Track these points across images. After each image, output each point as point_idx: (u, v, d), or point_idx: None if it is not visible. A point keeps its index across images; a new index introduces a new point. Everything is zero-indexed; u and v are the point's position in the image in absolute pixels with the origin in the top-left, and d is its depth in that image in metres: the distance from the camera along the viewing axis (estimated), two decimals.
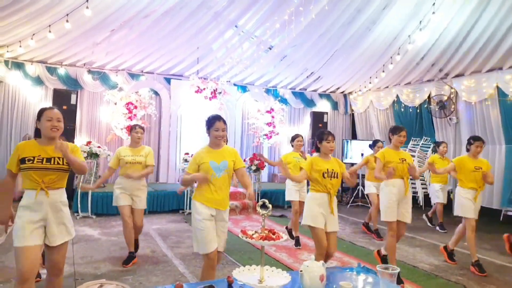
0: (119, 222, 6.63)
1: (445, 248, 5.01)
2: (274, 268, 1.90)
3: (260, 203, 1.95)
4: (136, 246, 4.66)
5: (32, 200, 2.62)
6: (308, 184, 5.49)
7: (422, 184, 8.88)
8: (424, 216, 7.38)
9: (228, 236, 5.71)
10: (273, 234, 1.84)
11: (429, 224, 7.22)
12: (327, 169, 3.61)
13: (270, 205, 1.94)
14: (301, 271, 2.02)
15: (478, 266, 4.51)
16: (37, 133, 2.79)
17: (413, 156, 8.60)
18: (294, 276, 2.09)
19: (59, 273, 2.80)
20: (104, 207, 7.20)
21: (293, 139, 5.73)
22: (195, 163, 3.19)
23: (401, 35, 7.70)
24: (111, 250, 5.05)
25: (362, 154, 9.62)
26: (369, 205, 8.78)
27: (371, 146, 6.69)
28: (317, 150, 3.82)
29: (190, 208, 7.57)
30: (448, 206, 7.02)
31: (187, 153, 7.69)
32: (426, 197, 8.58)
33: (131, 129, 4.61)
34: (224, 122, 3.22)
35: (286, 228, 5.83)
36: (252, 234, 1.87)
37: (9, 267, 4.20)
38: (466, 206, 4.60)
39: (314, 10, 6.95)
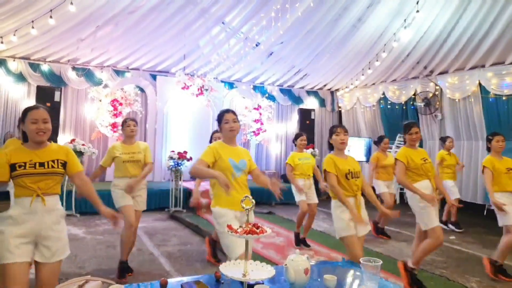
0: (103, 221, 6.55)
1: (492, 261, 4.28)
2: (259, 262, 1.90)
3: (243, 198, 1.95)
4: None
5: (25, 210, 2.30)
6: (316, 183, 5.37)
7: None
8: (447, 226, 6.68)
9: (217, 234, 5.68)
10: (257, 228, 1.84)
11: (457, 229, 6.49)
12: (349, 170, 3.26)
13: (253, 200, 1.94)
14: (285, 264, 2.03)
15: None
16: (25, 137, 2.46)
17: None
18: (279, 270, 2.10)
19: None
20: (88, 206, 7.09)
21: (296, 138, 5.43)
22: (212, 154, 2.83)
23: (386, 32, 7.78)
24: (96, 248, 5.00)
25: (348, 151, 9.67)
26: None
27: (376, 143, 6.38)
28: (331, 148, 3.48)
29: (175, 206, 7.59)
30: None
31: (173, 151, 7.63)
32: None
33: (122, 123, 4.15)
34: (234, 113, 2.97)
35: (300, 237, 5.37)
36: (237, 229, 1.87)
37: None
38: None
39: (300, 7, 6.97)
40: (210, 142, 4.53)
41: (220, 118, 2.96)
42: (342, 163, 3.30)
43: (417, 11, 6.64)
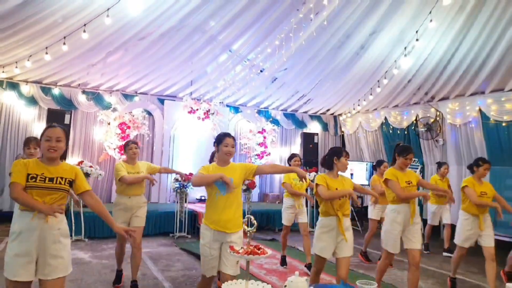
0: (110, 246, 6.57)
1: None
2: (260, 282, 1.99)
3: (246, 220, 2.06)
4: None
5: (26, 225, 2.40)
6: (307, 205, 5.54)
7: None
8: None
9: None
10: (258, 249, 1.94)
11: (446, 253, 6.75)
12: (336, 189, 3.47)
13: (255, 222, 2.05)
14: (285, 286, 2.12)
15: None
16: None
17: None
18: None
19: None
20: (97, 229, 7.15)
21: (289, 159, 5.62)
22: (207, 170, 3.08)
23: (387, 60, 7.99)
24: (102, 273, 5.05)
25: (351, 174, 9.77)
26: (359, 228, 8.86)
27: (375, 167, 6.48)
28: (330, 168, 3.65)
29: (179, 231, 7.61)
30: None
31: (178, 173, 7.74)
32: None
33: (125, 146, 4.44)
34: (234, 138, 3.21)
35: (306, 266, 5.42)
36: (239, 250, 1.97)
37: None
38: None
39: (304, 35, 7.23)
40: (210, 162, 4.70)
41: (221, 140, 3.15)
42: (332, 181, 3.55)
43: (417, 40, 6.85)
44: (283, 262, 5.58)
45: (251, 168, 3.18)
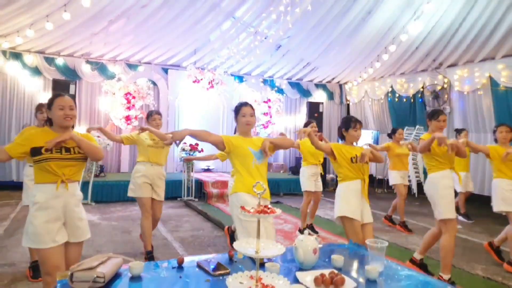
0: (118, 208, 6.80)
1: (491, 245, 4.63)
2: (270, 241, 2.04)
3: (256, 184, 2.09)
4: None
5: (50, 195, 2.40)
6: (324, 176, 5.40)
7: (416, 172, 9.06)
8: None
9: (227, 219, 5.86)
10: (268, 209, 1.98)
11: (467, 220, 6.62)
12: (355, 155, 3.38)
13: (265, 186, 2.07)
14: (295, 244, 2.17)
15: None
16: (50, 123, 2.56)
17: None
18: (289, 251, 2.24)
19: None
20: (103, 195, 7.35)
21: (306, 125, 5.33)
22: (228, 140, 2.88)
23: (395, 25, 7.80)
24: (112, 234, 5.20)
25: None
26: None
27: (390, 135, 6.34)
28: (342, 138, 3.55)
29: (187, 196, 7.79)
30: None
31: (185, 143, 7.81)
32: (419, 185, 8.72)
33: (148, 116, 4.28)
34: (252, 107, 2.99)
35: (308, 223, 5.46)
36: (249, 210, 2.01)
37: (12, 251, 4.33)
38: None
39: (309, 0, 7.03)
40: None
41: (238, 110, 2.98)
42: (349, 149, 3.42)
43: (427, 3, 6.66)
44: (313, 230, 5.44)
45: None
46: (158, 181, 4.22)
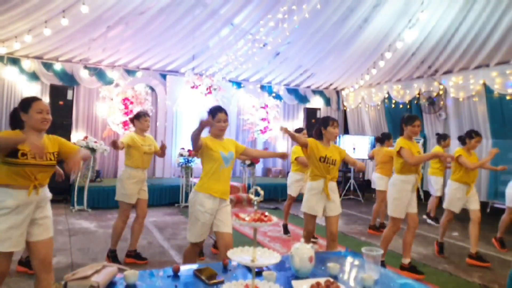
0: (115, 215, 6.73)
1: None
2: (266, 249, 2.05)
3: (252, 190, 2.09)
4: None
5: (22, 201, 2.40)
6: None
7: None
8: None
9: None
10: (265, 217, 1.98)
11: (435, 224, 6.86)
12: (326, 155, 3.70)
13: (262, 192, 2.08)
14: (291, 252, 2.18)
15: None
16: (16, 125, 2.54)
17: None
18: (285, 258, 2.25)
19: (50, 269, 2.59)
20: (100, 201, 7.32)
21: (297, 131, 5.59)
22: (205, 141, 3.13)
23: (391, 33, 7.87)
24: (108, 242, 5.14)
25: (354, 149, 9.82)
26: (361, 199, 8.97)
27: (381, 140, 6.44)
28: (319, 137, 3.81)
29: (185, 202, 7.77)
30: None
31: (183, 148, 7.82)
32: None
33: (137, 117, 4.31)
34: (226, 113, 3.20)
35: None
36: (244, 218, 2.01)
37: None
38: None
39: (307, 8, 7.10)
40: None
41: (214, 114, 3.17)
42: (322, 148, 3.74)
43: (422, 11, 6.73)
44: (286, 230, 5.75)
45: (240, 147, 3.33)
46: (144, 183, 4.38)
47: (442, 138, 6.79)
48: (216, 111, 3.18)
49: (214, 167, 3.11)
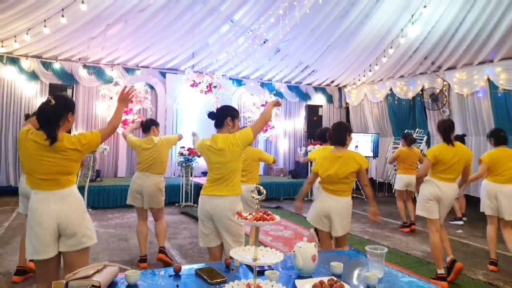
0: (116, 215, 6.75)
1: None
2: (268, 248, 2.00)
3: (255, 188, 2.04)
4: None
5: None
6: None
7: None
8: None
9: None
10: (267, 215, 1.93)
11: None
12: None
13: (264, 191, 2.03)
14: (294, 251, 2.13)
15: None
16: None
17: None
18: (288, 257, 2.20)
19: None
20: (100, 201, 7.28)
21: (322, 133, 5.47)
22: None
23: (393, 28, 7.79)
24: (109, 241, 5.14)
25: (356, 146, 9.75)
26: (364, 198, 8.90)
27: (410, 142, 6.31)
28: (342, 144, 3.42)
29: (186, 201, 7.73)
30: None
31: (183, 147, 7.76)
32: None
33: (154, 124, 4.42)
34: None
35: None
36: (247, 216, 1.96)
37: (8, 259, 4.27)
38: None
39: (308, 3, 7.03)
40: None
41: (237, 116, 3.19)
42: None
43: (425, 6, 6.64)
44: None
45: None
46: None
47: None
48: (238, 113, 3.25)
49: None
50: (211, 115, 3.15)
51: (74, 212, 2.40)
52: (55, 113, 2.29)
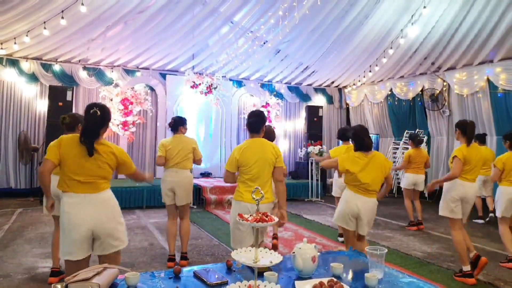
0: None
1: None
2: (268, 249, 2.00)
3: (254, 190, 2.04)
4: None
5: None
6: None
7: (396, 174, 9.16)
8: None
9: (225, 226, 5.87)
10: (266, 217, 1.93)
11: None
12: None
13: (263, 192, 2.04)
14: (293, 252, 2.12)
15: None
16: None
17: (407, 148, 8.73)
18: (287, 259, 2.20)
19: None
20: None
21: (344, 132, 5.51)
22: None
23: (393, 29, 7.80)
24: None
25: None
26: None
27: (418, 142, 6.41)
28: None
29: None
30: None
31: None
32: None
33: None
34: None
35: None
36: (247, 217, 1.97)
37: (7, 262, 4.27)
38: None
39: (307, 4, 7.03)
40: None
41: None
42: None
43: (424, 7, 6.65)
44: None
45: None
46: None
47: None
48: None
49: None
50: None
51: (109, 216, 2.50)
52: (102, 123, 2.53)
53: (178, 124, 4.47)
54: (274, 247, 4.83)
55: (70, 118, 3.47)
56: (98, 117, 2.49)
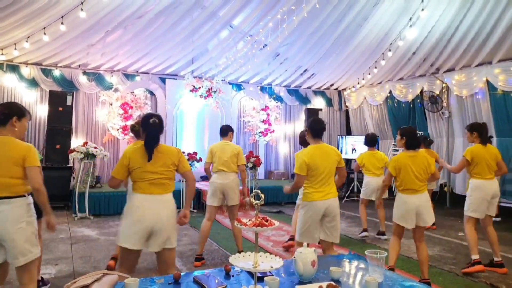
0: (117, 222, 6.69)
1: None
2: (268, 254, 1.99)
3: (254, 193, 2.04)
4: None
5: None
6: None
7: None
8: None
9: (225, 231, 5.86)
10: (266, 221, 1.93)
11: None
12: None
13: (262, 195, 2.03)
14: (294, 257, 2.13)
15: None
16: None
17: None
18: (289, 263, 2.20)
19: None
20: (101, 208, 7.25)
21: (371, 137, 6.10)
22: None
23: (392, 31, 7.81)
24: (110, 249, 5.10)
25: (353, 150, 9.79)
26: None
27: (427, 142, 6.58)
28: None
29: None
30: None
31: (183, 152, 7.75)
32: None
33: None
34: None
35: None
36: (246, 222, 1.96)
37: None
38: None
39: (306, 8, 7.05)
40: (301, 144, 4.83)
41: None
42: None
43: (422, 9, 6.66)
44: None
45: None
46: None
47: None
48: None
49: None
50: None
51: (169, 216, 2.79)
52: (161, 130, 2.89)
53: (228, 130, 4.86)
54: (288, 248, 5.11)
55: (138, 126, 3.64)
56: (157, 124, 2.82)
